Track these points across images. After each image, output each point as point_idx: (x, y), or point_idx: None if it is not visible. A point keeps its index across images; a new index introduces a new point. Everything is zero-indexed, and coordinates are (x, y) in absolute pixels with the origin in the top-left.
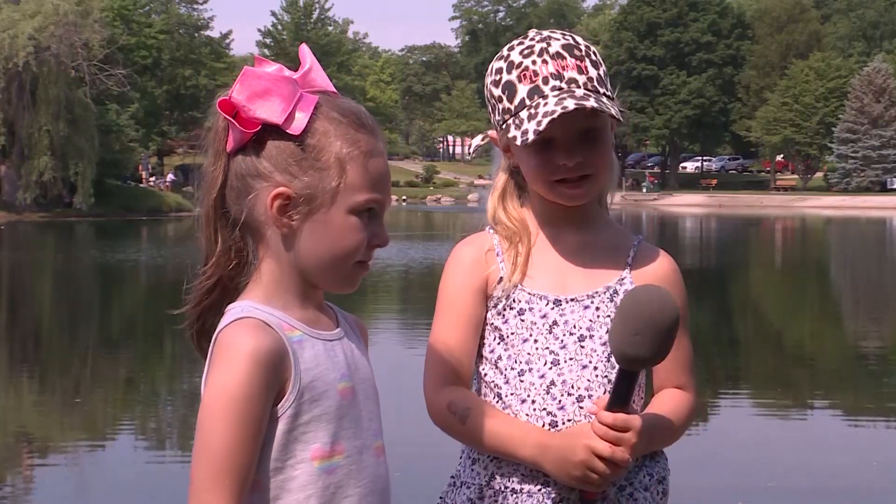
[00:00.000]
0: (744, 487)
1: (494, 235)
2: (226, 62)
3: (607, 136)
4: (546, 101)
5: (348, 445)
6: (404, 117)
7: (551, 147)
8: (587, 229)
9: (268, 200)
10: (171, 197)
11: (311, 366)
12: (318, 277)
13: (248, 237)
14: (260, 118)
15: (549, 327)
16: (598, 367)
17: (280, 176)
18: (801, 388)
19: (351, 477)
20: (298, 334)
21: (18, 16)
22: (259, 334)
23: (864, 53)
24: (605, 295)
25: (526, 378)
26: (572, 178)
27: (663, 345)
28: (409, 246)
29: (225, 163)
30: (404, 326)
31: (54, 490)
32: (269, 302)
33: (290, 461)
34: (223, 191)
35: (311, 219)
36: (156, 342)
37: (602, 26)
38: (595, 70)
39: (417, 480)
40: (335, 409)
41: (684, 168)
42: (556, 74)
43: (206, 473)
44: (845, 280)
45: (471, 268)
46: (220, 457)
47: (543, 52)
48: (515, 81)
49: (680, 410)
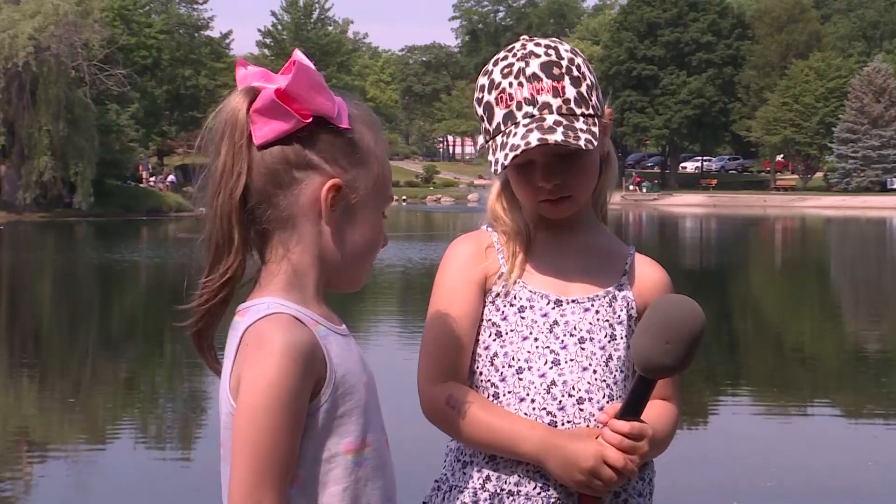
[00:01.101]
0: (743, 487)
1: (493, 233)
2: (226, 62)
3: (587, 155)
4: (517, 129)
5: (373, 438)
6: (404, 117)
7: (531, 168)
8: (584, 232)
9: (323, 192)
10: (171, 197)
11: (340, 360)
12: (343, 273)
13: (270, 231)
14: (316, 109)
15: (550, 326)
16: (598, 371)
17: (331, 168)
18: (800, 388)
19: (377, 469)
20: (323, 329)
21: (18, 16)
22: (294, 329)
23: (864, 53)
24: (605, 299)
25: (525, 376)
26: (553, 198)
27: (690, 354)
28: (408, 246)
29: (248, 155)
30: (404, 326)
31: (54, 490)
32: (289, 297)
33: (326, 455)
34: (247, 184)
35: (350, 213)
36: (156, 342)
37: (602, 26)
38: (574, 88)
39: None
40: (364, 403)
41: (684, 168)
42: (530, 99)
43: (253, 471)
44: (845, 280)
45: (469, 262)
46: (267, 454)
47: (520, 74)
48: (493, 104)
49: (669, 421)
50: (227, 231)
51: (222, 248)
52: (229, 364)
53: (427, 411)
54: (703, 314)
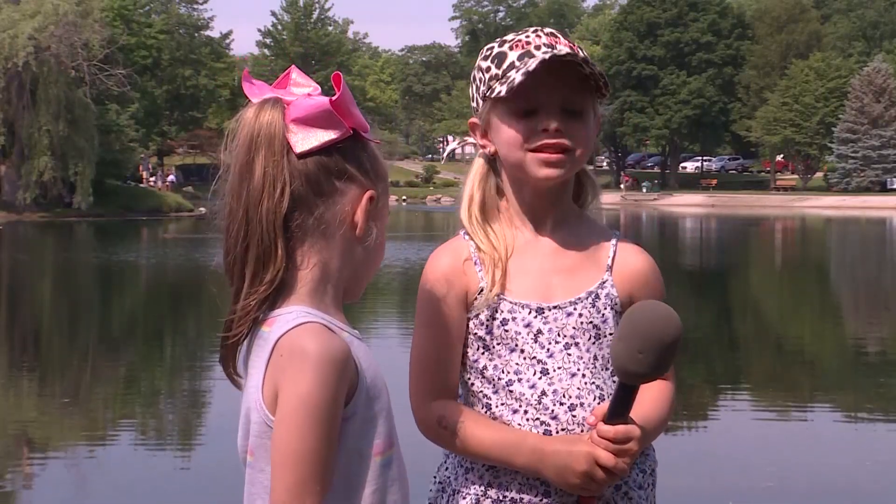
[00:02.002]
0: (743, 488)
1: (471, 241)
2: (226, 62)
3: (590, 117)
4: (533, 59)
5: (396, 439)
6: (404, 117)
7: (533, 116)
8: (564, 228)
9: (363, 202)
10: (171, 197)
11: (367, 365)
12: (361, 281)
13: (302, 238)
14: (355, 123)
15: (535, 336)
16: (586, 375)
17: (365, 179)
18: (800, 388)
19: (400, 469)
20: (347, 335)
21: (18, 16)
22: (327, 338)
23: (864, 53)
24: (588, 300)
25: (515, 388)
26: (554, 146)
27: (664, 362)
28: (407, 246)
29: (288, 165)
30: (403, 326)
31: (54, 490)
32: (314, 305)
33: (357, 458)
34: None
35: (373, 222)
36: (156, 342)
37: (602, 26)
38: (584, 54)
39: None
40: (388, 405)
41: (684, 168)
42: (549, 45)
43: (297, 481)
44: (845, 280)
45: (449, 278)
46: (309, 463)
47: (537, 31)
48: (507, 51)
49: (664, 400)
50: (272, 240)
51: (268, 256)
52: (260, 375)
53: (422, 431)
54: (678, 321)
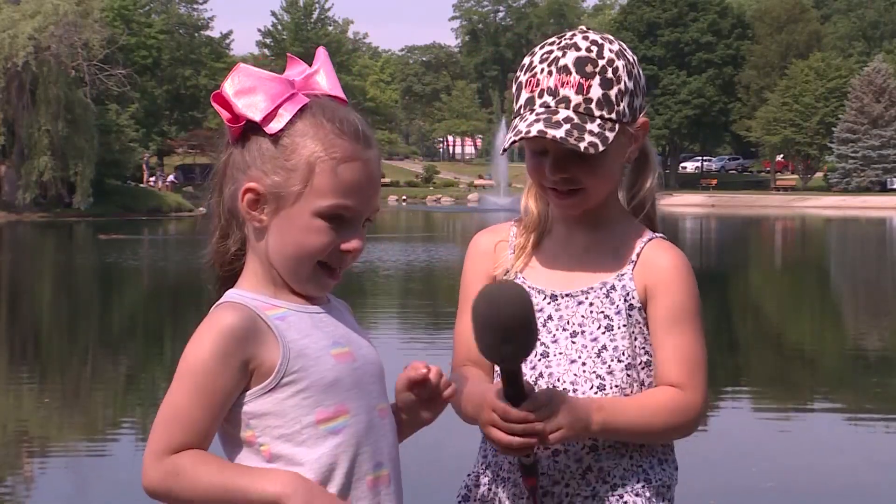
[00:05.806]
0: (743, 488)
1: (513, 227)
2: (226, 62)
3: (600, 156)
4: (529, 116)
5: (353, 406)
6: (404, 117)
7: (544, 156)
8: (598, 229)
9: (239, 194)
10: (171, 197)
11: (297, 336)
12: (284, 275)
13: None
14: (242, 114)
15: (544, 322)
16: (587, 363)
17: (254, 171)
18: (800, 388)
19: (359, 436)
20: (282, 311)
21: (18, 16)
22: (225, 314)
23: (864, 53)
24: (601, 291)
25: None
26: (561, 189)
27: (508, 341)
28: (407, 247)
29: (227, 154)
30: (403, 327)
31: (54, 490)
32: (259, 290)
33: (296, 427)
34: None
35: (277, 216)
36: (156, 342)
37: (602, 26)
38: (602, 90)
39: (422, 479)
40: (333, 374)
41: (684, 168)
42: (553, 90)
43: (159, 419)
44: (845, 280)
45: (483, 256)
46: (173, 409)
47: (554, 63)
48: (523, 85)
49: (653, 404)
50: (229, 227)
51: (210, 238)
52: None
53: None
54: (510, 299)
